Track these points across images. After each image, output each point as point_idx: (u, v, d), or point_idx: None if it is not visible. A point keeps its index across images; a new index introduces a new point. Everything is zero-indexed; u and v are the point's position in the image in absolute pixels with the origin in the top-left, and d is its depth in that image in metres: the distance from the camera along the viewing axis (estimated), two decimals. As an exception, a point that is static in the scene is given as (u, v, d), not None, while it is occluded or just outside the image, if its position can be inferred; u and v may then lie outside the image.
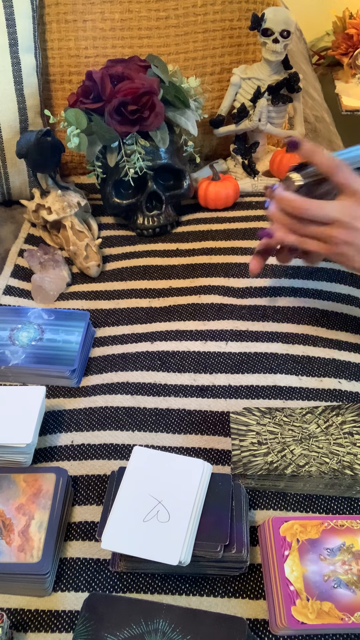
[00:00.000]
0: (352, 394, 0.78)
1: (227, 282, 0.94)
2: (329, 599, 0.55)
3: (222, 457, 0.72)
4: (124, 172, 1.01)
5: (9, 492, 0.65)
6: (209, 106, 1.18)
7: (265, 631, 0.58)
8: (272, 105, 1.11)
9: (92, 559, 0.63)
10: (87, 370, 0.83)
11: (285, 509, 0.67)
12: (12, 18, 1.05)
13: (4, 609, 0.60)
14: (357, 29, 1.64)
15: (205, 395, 0.78)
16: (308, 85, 1.44)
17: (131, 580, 0.61)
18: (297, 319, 0.88)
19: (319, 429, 0.70)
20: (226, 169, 1.20)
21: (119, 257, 1.03)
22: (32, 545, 0.60)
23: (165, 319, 0.89)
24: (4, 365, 0.80)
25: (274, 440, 0.69)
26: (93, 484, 0.69)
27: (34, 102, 1.09)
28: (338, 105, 1.65)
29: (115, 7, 1.11)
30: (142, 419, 0.76)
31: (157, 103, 0.98)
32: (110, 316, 0.91)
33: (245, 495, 0.64)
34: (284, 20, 1.04)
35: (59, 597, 0.60)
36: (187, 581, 0.61)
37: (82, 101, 1.00)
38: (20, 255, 1.03)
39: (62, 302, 0.94)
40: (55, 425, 0.76)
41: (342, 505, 0.67)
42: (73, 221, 1.00)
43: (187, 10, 1.12)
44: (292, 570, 0.57)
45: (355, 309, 0.89)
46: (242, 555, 0.59)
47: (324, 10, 1.74)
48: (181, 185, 1.07)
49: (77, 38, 1.12)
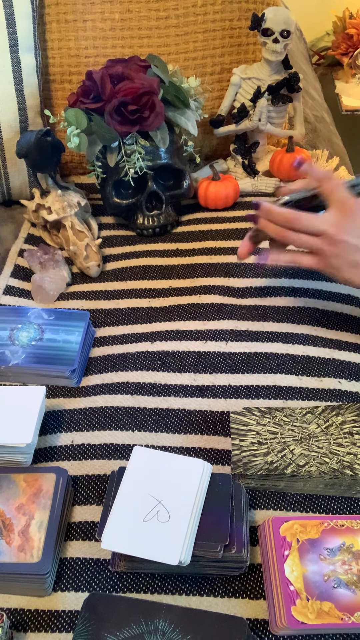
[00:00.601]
0: (352, 394, 0.78)
1: (227, 282, 0.94)
2: (329, 599, 0.55)
3: (222, 457, 0.72)
4: (124, 172, 1.01)
5: (9, 492, 0.65)
6: (209, 106, 1.18)
7: (265, 631, 0.58)
8: (272, 105, 1.11)
9: (92, 559, 0.63)
10: (87, 370, 0.83)
11: (285, 509, 0.67)
12: (12, 18, 1.05)
13: (4, 609, 0.60)
14: (357, 29, 1.64)
15: (205, 395, 0.78)
16: (308, 85, 1.45)
17: (131, 580, 0.61)
18: (297, 319, 0.88)
19: (319, 429, 0.70)
20: (226, 169, 1.20)
21: (119, 257, 1.03)
22: (32, 545, 0.60)
23: (165, 319, 0.89)
24: (4, 365, 0.80)
25: (274, 440, 0.69)
26: (93, 484, 0.69)
27: (34, 102, 1.10)
28: (338, 105, 1.65)
29: (115, 7, 1.11)
30: (142, 419, 0.76)
31: (157, 103, 0.98)
32: (110, 316, 0.91)
33: (245, 495, 0.64)
34: (284, 20, 1.04)
35: (59, 597, 0.60)
36: (187, 581, 0.61)
37: (82, 101, 1.00)
38: (20, 255, 1.03)
39: (62, 302, 0.94)
40: (55, 425, 0.76)
41: (342, 505, 0.67)
42: (73, 221, 1.00)
43: (187, 10, 1.12)
44: (292, 570, 0.57)
45: (355, 309, 0.89)
46: (242, 555, 0.59)
47: (324, 10, 1.74)
48: (181, 185, 1.07)
49: (77, 38, 1.12)
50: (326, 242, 0.75)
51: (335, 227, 0.74)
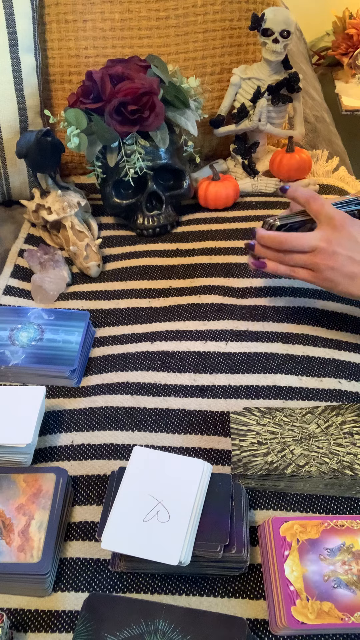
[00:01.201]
0: (352, 394, 0.78)
1: (227, 282, 0.94)
2: (329, 599, 0.55)
3: (222, 457, 0.72)
4: (124, 172, 1.01)
5: (9, 492, 0.65)
6: (209, 106, 1.18)
7: (265, 631, 0.58)
8: (272, 105, 1.11)
9: (92, 559, 0.63)
10: (87, 370, 0.83)
11: (285, 509, 0.67)
12: (12, 18, 1.05)
13: (4, 609, 0.60)
14: (357, 29, 1.64)
15: (205, 395, 0.78)
16: (308, 85, 1.45)
17: (131, 580, 0.61)
18: (297, 319, 0.88)
19: (319, 429, 0.70)
20: (226, 169, 1.20)
21: (119, 257, 1.03)
22: (32, 545, 0.60)
23: (165, 319, 0.89)
24: (4, 365, 0.80)
25: (274, 440, 0.69)
26: (93, 484, 0.69)
27: (34, 102, 1.10)
28: (338, 105, 1.65)
29: (115, 7, 1.11)
30: (142, 419, 0.76)
31: (157, 103, 0.98)
32: (110, 316, 0.91)
33: (245, 495, 0.64)
34: (284, 20, 1.04)
35: (59, 597, 0.60)
36: (187, 581, 0.61)
37: (82, 101, 1.00)
38: (20, 255, 1.03)
39: (62, 302, 0.94)
40: (55, 425, 0.76)
41: (342, 505, 0.67)
42: (73, 221, 1.00)
43: (187, 10, 1.12)
44: (292, 570, 0.57)
45: (355, 309, 0.89)
46: (242, 555, 0.59)
47: (324, 10, 1.74)
48: (181, 185, 1.07)
49: (77, 38, 1.12)
50: (319, 256, 0.77)
51: (327, 241, 0.77)
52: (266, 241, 0.81)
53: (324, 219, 0.78)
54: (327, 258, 0.76)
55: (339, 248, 0.76)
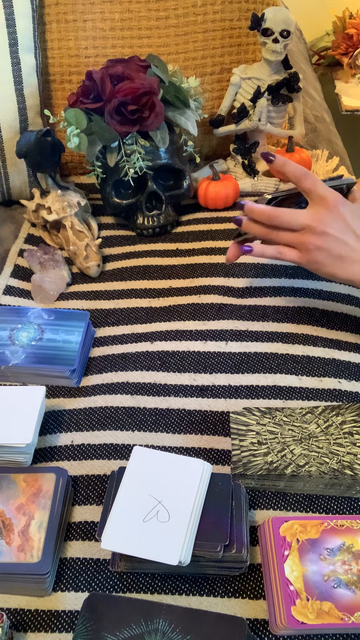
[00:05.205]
0: (352, 394, 0.78)
1: (227, 282, 0.94)
2: (329, 599, 0.55)
3: (222, 457, 0.72)
4: (124, 172, 1.01)
5: (8, 492, 0.65)
6: (209, 106, 1.18)
7: (265, 631, 0.58)
8: (272, 105, 1.11)
9: (92, 559, 0.63)
10: (87, 370, 0.83)
11: (285, 509, 0.67)
12: (12, 18, 1.05)
13: (4, 609, 0.60)
14: (357, 29, 1.64)
15: (205, 395, 0.78)
16: (308, 85, 1.45)
17: (131, 580, 0.61)
18: (297, 319, 0.88)
19: (319, 429, 0.70)
20: (226, 169, 1.20)
21: (119, 257, 1.03)
22: (32, 545, 0.60)
23: (165, 319, 0.89)
24: (4, 365, 0.80)
25: (274, 440, 0.69)
26: (93, 484, 0.69)
27: (34, 102, 1.09)
28: (338, 105, 1.65)
29: (115, 7, 1.11)
30: (142, 419, 0.76)
31: (157, 103, 0.98)
32: (110, 316, 0.91)
33: (245, 495, 0.64)
34: (284, 20, 1.04)
35: (59, 597, 0.60)
36: (187, 581, 0.61)
37: (82, 101, 1.00)
38: (20, 255, 1.03)
39: (62, 302, 0.94)
40: (55, 425, 0.76)
41: (342, 505, 0.67)
42: (73, 221, 1.00)
43: (187, 10, 1.12)
44: (292, 570, 0.57)
45: (355, 309, 0.89)
46: (242, 555, 0.59)
47: (324, 10, 1.74)
48: (181, 185, 1.07)
49: (77, 38, 1.12)
50: (307, 235, 0.75)
51: (318, 221, 0.74)
52: (256, 214, 0.77)
53: (316, 198, 0.75)
54: (316, 238, 0.74)
55: (329, 229, 0.74)
